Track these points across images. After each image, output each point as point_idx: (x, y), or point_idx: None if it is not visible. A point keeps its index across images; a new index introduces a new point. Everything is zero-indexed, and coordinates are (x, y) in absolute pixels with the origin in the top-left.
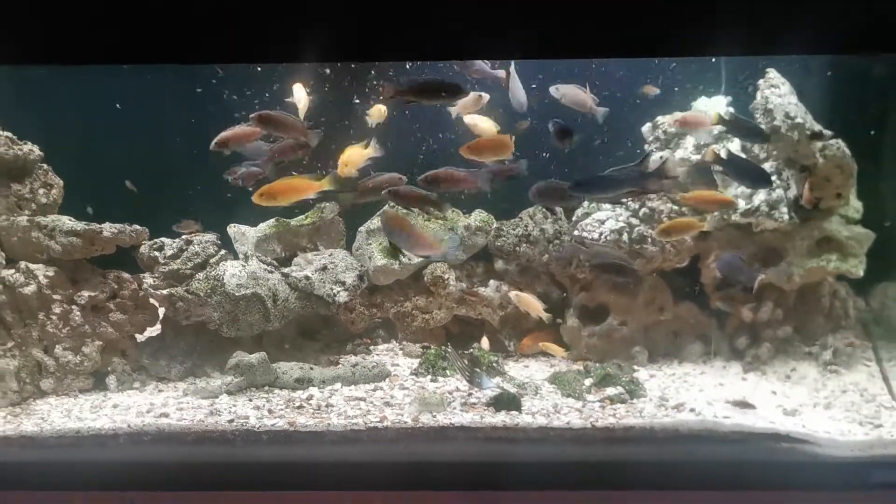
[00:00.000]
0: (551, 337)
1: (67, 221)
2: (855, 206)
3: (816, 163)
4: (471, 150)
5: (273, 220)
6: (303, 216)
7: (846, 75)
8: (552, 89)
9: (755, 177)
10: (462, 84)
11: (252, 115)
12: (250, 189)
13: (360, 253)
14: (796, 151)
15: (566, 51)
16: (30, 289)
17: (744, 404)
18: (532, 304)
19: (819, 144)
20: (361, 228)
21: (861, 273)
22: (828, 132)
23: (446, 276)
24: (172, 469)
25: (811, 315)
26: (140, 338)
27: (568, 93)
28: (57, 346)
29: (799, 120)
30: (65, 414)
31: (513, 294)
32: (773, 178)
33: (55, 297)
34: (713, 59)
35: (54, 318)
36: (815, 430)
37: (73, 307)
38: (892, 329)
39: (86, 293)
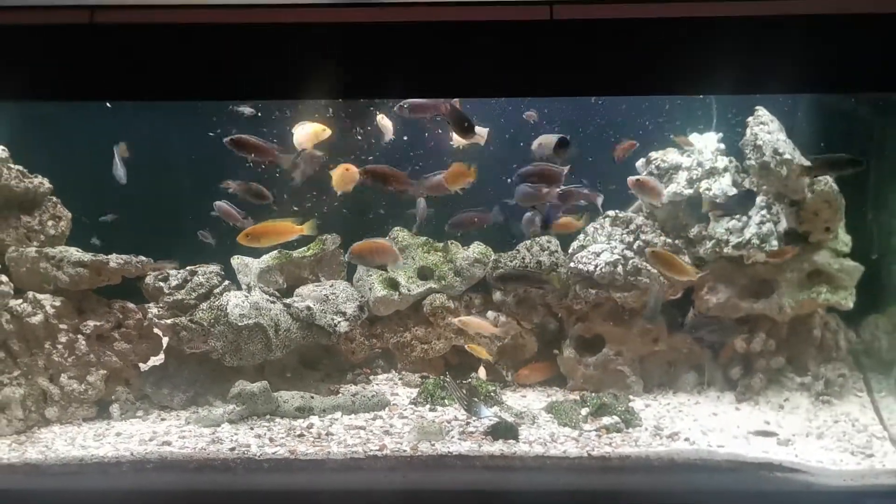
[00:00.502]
0: (548, 367)
1: (75, 253)
2: (844, 240)
3: (805, 197)
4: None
5: (276, 251)
6: (305, 248)
7: (833, 113)
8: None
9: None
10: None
11: (226, 140)
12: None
13: (361, 284)
14: (786, 186)
15: (554, 91)
16: (37, 318)
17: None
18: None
19: (808, 180)
20: None
21: (851, 305)
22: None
23: (445, 307)
24: (175, 497)
25: (803, 346)
26: (143, 367)
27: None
28: (62, 374)
29: (787, 156)
30: (69, 442)
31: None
32: (764, 211)
33: (61, 326)
34: (704, 97)
35: (60, 347)
36: (807, 460)
37: (79, 336)
38: (882, 360)
39: (91, 323)
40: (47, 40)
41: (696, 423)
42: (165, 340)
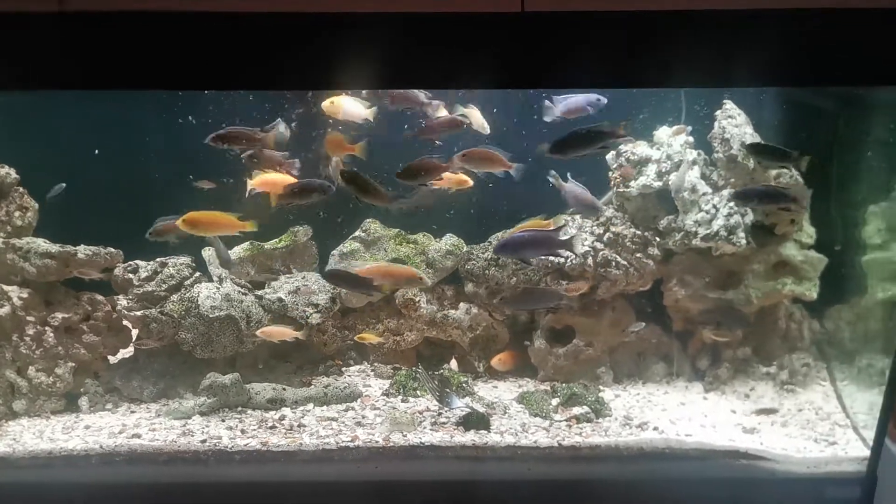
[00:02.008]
0: (520, 358)
1: (42, 244)
2: (808, 232)
3: None
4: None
5: (247, 243)
6: (276, 240)
7: (798, 106)
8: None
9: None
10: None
11: (209, 139)
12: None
13: None
14: (752, 179)
15: (525, 82)
16: (3, 310)
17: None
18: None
19: (773, 172)
20: (334, 252)
21: (815, 296)
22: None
23: (417, 299)
24: (145, 490)
25: (769, 336)
26: (113, 359)
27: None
28: (30, 367)
29: None
30: (37, 435)
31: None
32: (731, 204)
33: (29, 318)
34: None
35: (28, 339)
36: (772, 448)
37: (47, 329)
38: (844, 350)
39: (59, 315)
40: (15, 28)
41: (664, 413)
42: (135, 332)
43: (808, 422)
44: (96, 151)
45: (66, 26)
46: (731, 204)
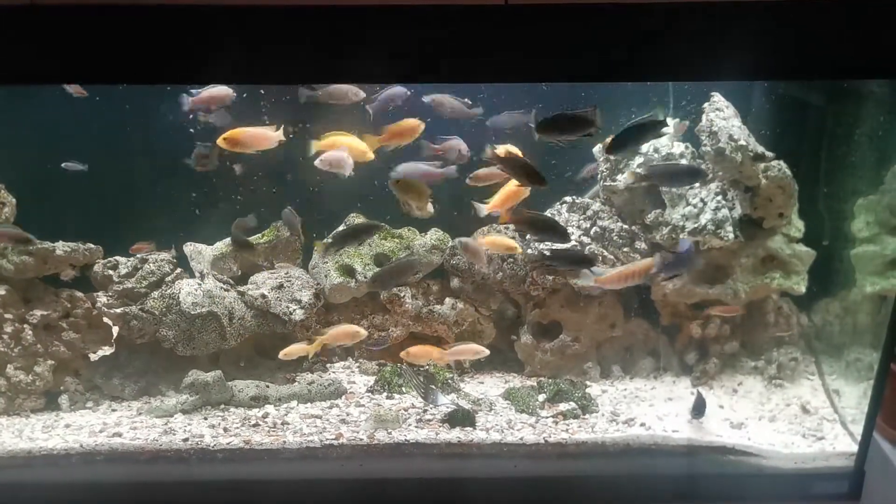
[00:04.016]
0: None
1: None
2: (797, 226)
3: (760, 183)
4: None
5: (230, 238)
6: (259, 234)
7: (787, 100)
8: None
9: (690, 174)
10: None
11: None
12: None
13: (317, 271)
14: (740, 172)
15: (508, 77)
16: None
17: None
18: (301, 349)
19: (762, 166)
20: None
21: (803, 290)
22: (770, 154)
23: (402, 294)
24: (127, 489)
25: (757, 330)
26: (93, 357)
27: (444, 102)
28: (8, 365)
29: (742, 142)
30: (16, 434)
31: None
32: (719, 197)
33: (7, 316)
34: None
35: (6, 337)
36: (759, 443)
37: (25, 326)
38: (832, 344)
39: (38, 312)
40: None
41: (651, 409)
42: (116, 330)
43: (795, 416)
44: (72, 147)
45: (39, 20)
46: (719, 198)
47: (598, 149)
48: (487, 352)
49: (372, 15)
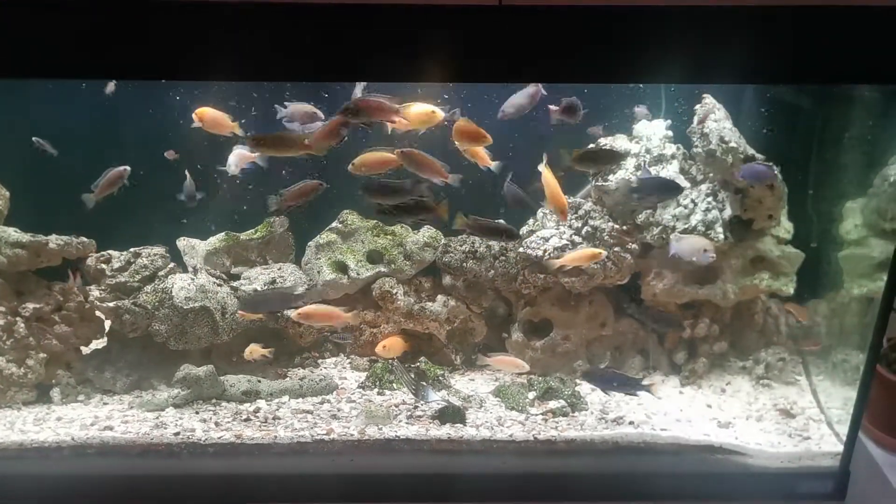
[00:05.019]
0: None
1: (13, 233)
2: (786, 227)
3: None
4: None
5: (223, 233)
6: (252, 230)
7: (778, 102)
8: None
9: (668, 189)
10: None
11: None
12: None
13: (310, 267)
14: (731, 174)
15: (501, 78)
16: None
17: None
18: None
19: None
20: (311, 243)
21: (792, 291)
22: (760, 156)
23: (394, 291)
24: (117, 482)
25: (745, 331)
26: (85, 350)
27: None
28: (0, 357)
29: (733, 144)
30: (7, 426)
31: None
32: (710, 199)
33: None
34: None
35: None
36: (746, 442)
37: (18, 319)
38: (820, 344)
39: (30, 305)
40: None
41: (640, 407)
42: (108, 323)
43: (782, 417)
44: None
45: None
46: (710, 199)
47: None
48: (527, 367)
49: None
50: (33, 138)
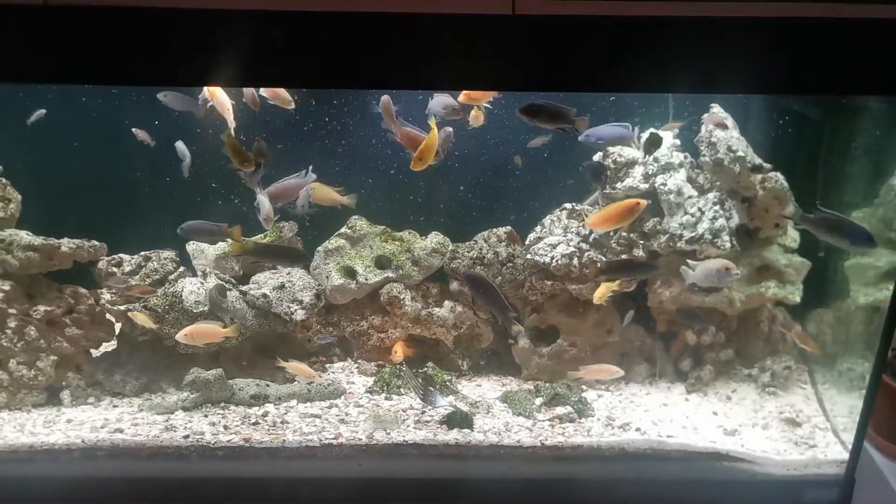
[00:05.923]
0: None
1: (25, 236)
2: (792, 236)
3: (757, 194)
4: None
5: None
6: (261, 235)
7: (785, 112)
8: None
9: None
10: None
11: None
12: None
13: (318, 272)
14: (738, 183)
15: (514, 86)
16: None
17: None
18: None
19: (759, 177)
20: (319, 248)
21: (798, 299)
22: (767, 165)
23: (402, 297)
24: (127, 485)
25: (751, 339)
26: (95, 353)
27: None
28: (11, 360)
29: (741, 153)
30: (18, 428)
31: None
32: (717, 207)
33: (10, 311)
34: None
35: (9, 332)
36: (752, 450)
37: (29, 322)
38: (826, 353)
39: (42, 308)
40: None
41: (646, 414)
42: (118, 326)
43: (788, 425)
44: (75, 144)
45: (51, 21)
46: (717, 207)
47: (598, 157)
48: (622, 372)
49: (378, 22)
50: (133, 129)
